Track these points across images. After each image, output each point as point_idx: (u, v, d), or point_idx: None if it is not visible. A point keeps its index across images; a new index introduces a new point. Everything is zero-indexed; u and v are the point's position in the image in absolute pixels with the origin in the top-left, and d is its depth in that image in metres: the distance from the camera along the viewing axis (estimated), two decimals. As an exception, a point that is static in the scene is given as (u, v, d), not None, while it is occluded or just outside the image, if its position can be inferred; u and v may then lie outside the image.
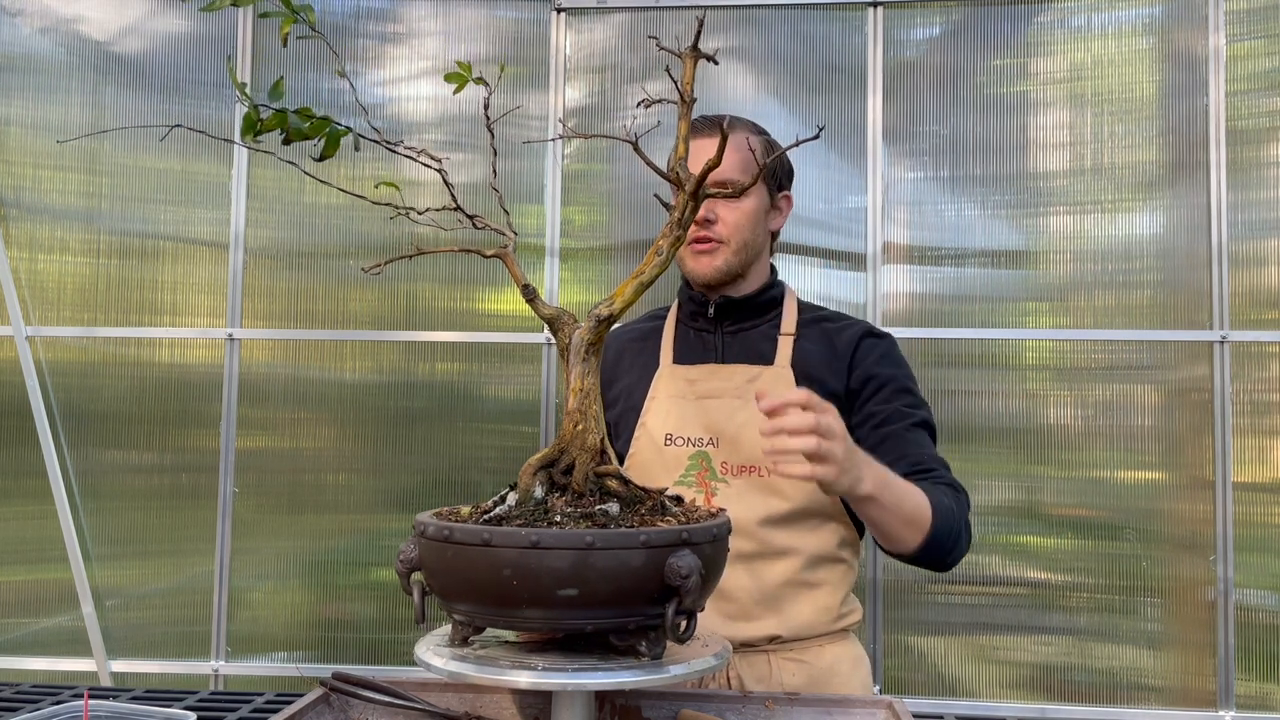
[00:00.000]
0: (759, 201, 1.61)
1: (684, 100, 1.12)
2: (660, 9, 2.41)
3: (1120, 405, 2.32)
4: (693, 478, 1.56)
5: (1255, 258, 2.30)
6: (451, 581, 0.98)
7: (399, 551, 1.01)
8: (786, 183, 1.68)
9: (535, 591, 0.93)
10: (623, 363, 1.70)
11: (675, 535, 0.97)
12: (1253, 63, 2.31)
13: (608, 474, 1.07)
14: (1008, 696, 2.31)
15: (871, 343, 1.60)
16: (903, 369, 1.60)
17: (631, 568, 0.94)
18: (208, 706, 1.38)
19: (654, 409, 1.61)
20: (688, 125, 1.14)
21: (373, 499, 2.45)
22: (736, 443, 1.54)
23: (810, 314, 1.66)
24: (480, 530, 0.94)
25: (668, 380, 1.62)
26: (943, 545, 1.40)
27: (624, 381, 1.67)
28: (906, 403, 1.55)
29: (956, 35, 2.39)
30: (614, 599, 0.95)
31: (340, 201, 2.44)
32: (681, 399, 1.60)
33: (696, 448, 1.56)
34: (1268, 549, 2.27)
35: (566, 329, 1.09)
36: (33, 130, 2.50)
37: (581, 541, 0.92)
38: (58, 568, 2.46)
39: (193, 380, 2.48)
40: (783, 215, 1.68)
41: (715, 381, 1.59)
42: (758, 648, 1.52)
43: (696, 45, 1.13)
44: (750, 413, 1.54)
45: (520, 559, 0.92)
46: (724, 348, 1.62)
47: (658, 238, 1.12)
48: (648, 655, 0.99)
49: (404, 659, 2.40)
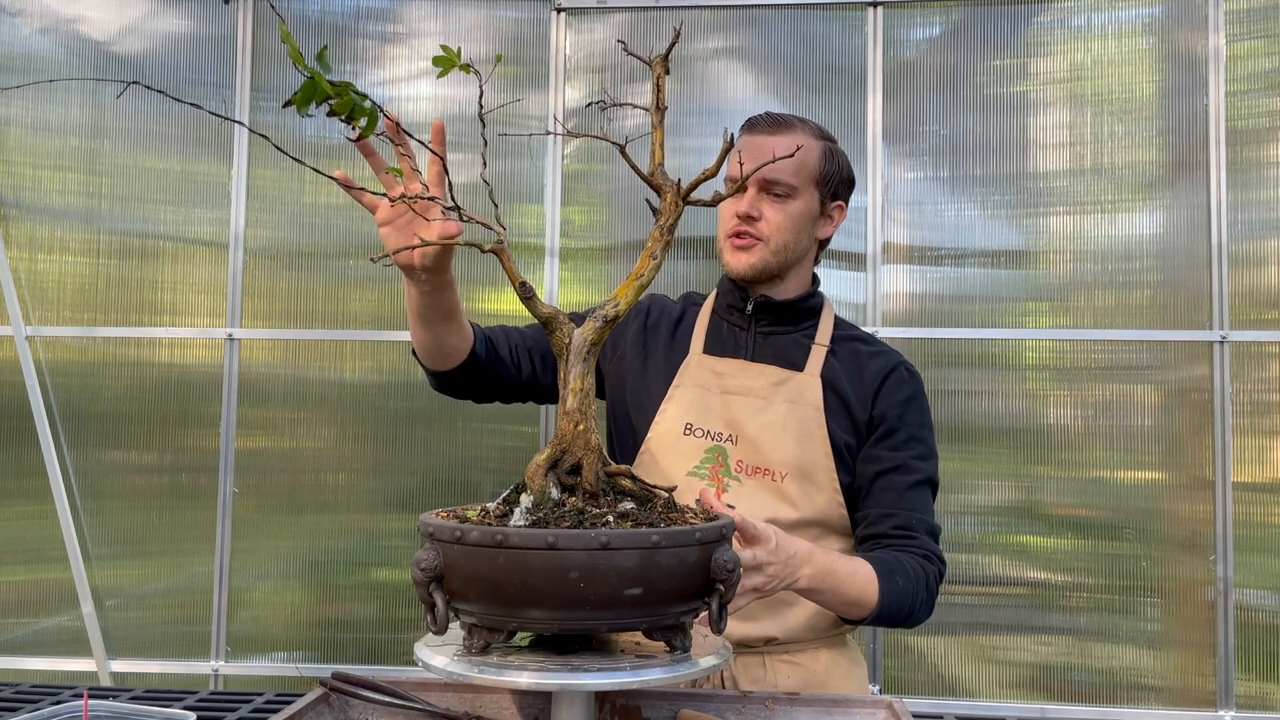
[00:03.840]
0: (807, 206, 1.58)
1: (657, 108, 1.12)
2: (660, 9, 2.41)
3: (1120, 405, 2.32)
4: (706, 470, 1.55)
5: (1255, 258, 2.30)
6: (499, 589, 0.94)
7: (416, 560, 0.98)
8: (843, 192, 1.64)
9: (602, 593, 0.92)
10: (659, 332, 1.67)
11: (719, 531, 0.98)
12: (1253, 63, 2.31)
13: (618, 473, 1.07)
14: (1008, 696, 2.31)
15: (900, 379, 1.58)
16: (922, 415, 1.58)
17: (689, 564, 0.96)
18: (207, 706, 1.38)
19: (678, 397, 1.59)
20: (663, 133, 1.14)
21: (373, 499, 2.45)
22: (755, 443, 1.53)
23: (846, 330, 1.64)
24: (544, 534, 0.93)
25: (695, 369, 1.60)
26: (890, 621, 1.45)
27: (655, 356, 1.64)
28: (915, 454, 1.54)
29: (956, 35, 2.39)
30: (671, 596, 0.96)
31: (340, 201, 2.44)
32: (706, 390, 1.58)
33: (715, 441, 1.55)
34: (1268, 549, 2.27)
35: (563, 329, 1.09)
36: (33, 130, 2.50)
37: (648, 541, 0.93)
38: (58, 568, 2.46)
39: (192, 380, 2.48)
40: (833, 224, 1.65)
41: (743, 378, 1.57)
42: (753, 648, 1.52)
43: (667, 55, 1.13)
44: (772, 415, 1.55)
45: (590, 561, 0.91)
46: (755, 346, 1.60)
47: (649, 242, 1.12)
48: (680, 649, 1.01)
49: (404, 659, 2.41)
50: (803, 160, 1.56)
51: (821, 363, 1.57)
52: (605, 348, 1.68)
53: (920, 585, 1.46)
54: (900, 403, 1.56)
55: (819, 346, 1.59)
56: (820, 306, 1.65)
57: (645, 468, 1.60)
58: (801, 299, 1.62)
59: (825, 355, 1.58)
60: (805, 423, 1.54)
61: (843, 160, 1.64)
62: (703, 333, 1.64)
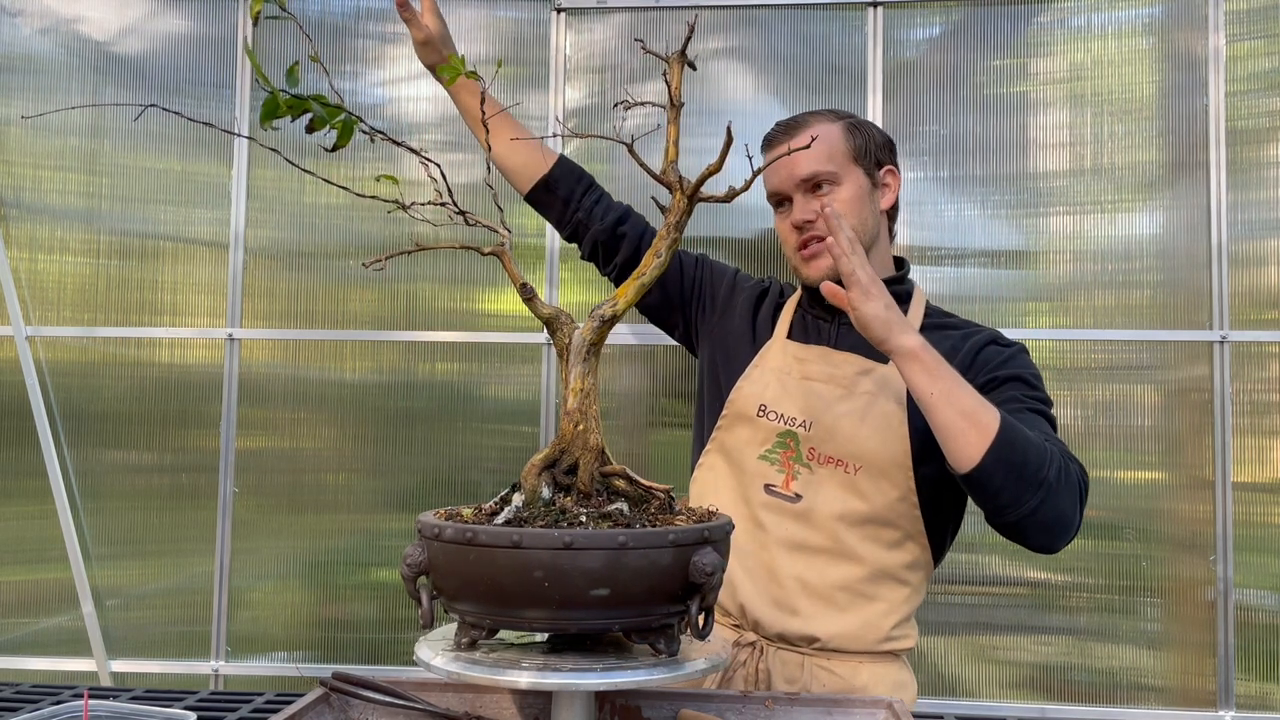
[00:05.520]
0: (857, 185, 1.54)
1: (673, 104, 1.12)
2: (660, 9, 2.41)
3: (1120, 405, 2.32)
4: (777, 455, 1.51)
5: (1255, 258, 2.30)
6: (472, 585, 0.96)
7: (404, 555, 1.00)
8: (886, 157, 1.60)
9: (567, 592, 0.92)
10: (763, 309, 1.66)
11: (699, 534, 0.98)
12: (1253, 63, 2.31)
13: (613, 473, 1.07)
14: (1008, 696, 2.31)
15: (996, 350, 1.52)
16: (1028, 369, 1.49)
17: (661, 566, 0.95)
18: (208, 706, 1.38)
19: (755, 376, 1.56)
20: (677, 129, 1.13)
21: (373, 499, 2.45)
22: (832, 432, 1.49)
23: (937, 318, 1.59)
24: (509, 532, 0.93)
25: (778, 353, 1.57)
26: (1014, 471, 1.25)
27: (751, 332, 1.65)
28: (1024, 392, 1.45)
29: (956, 35, 2.39)
30: (643, 598, 0.96)
31: (340, 201, 2.44)
32: (785, 374, 1.55)
33: (789, 426, 1.51)
34: (1268, 549, 2.27)
35: (564, 329, 1.09)
36: (33, 130, 2.50)
37: (615, 541, 0.93)
38: (58, 568, 2.46)
39: (193, 380, 2.48)
40: (892, 190, 1.61)
41: (824, 365, 1.54)
42: (795, 646, 1.50)
43: (685, 51, 1.13)
44: (852, 405, 1.49)
45: (553, 560, 0.92)
46: (839, 335, 1.57)
47: (655, 240, 1.12)
48: (665, 652, 1.00)
49: (404, 659, 2.40)
50: (828, 144, 1.53)
51: None
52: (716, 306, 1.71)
53: (1054, 457, 1.29)
54: (999, 364, 1.49)
55: None
56: (909, 294, 1.60)
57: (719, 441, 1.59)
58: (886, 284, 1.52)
59: None
60: (887, 416, 1.49)
61: (871, 130, 1.60)
62: (788, 320, 1.62)
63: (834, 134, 1.56)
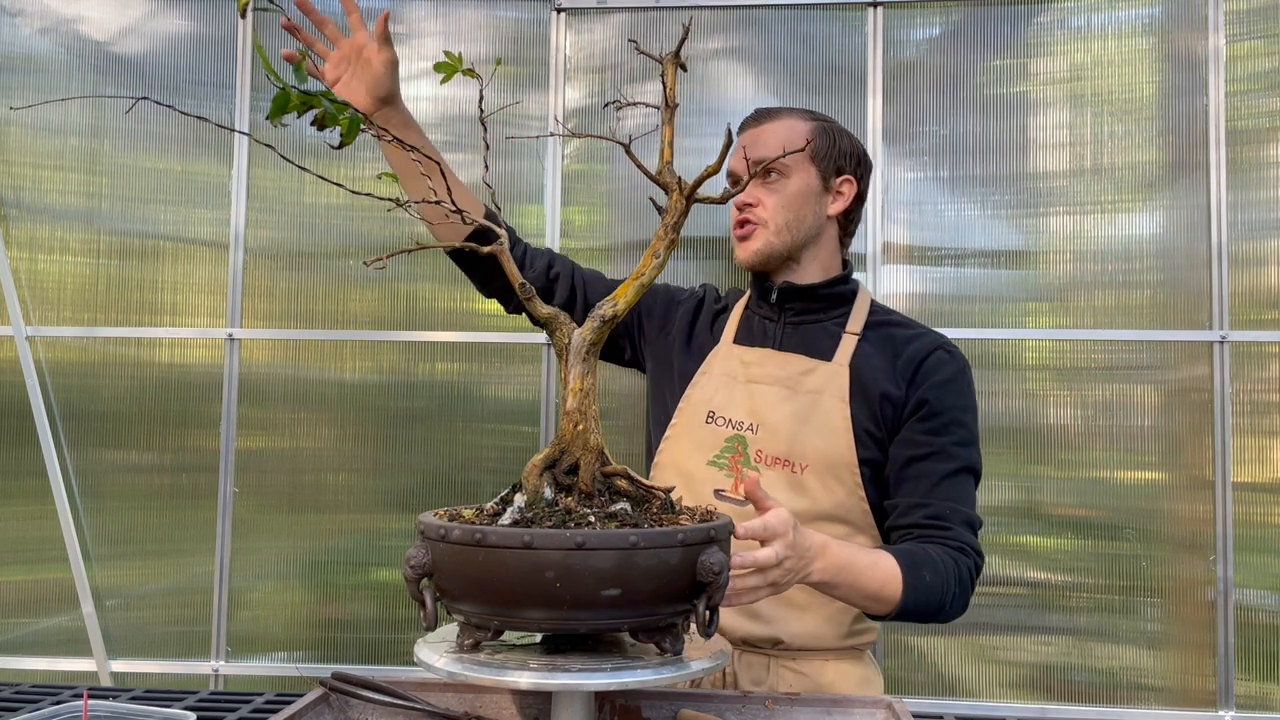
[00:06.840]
0: (804, 184, 1.56)
1: (668, 104, 1.12)
2: (660, 9, 2.41)
3: (1120, 405, 2.32)
4: (725, 460, 1.52)
5: (1255, 258, 2.30)
6: (480, 586, 0.95)
7: (407, 557, 0.99)
8: (848, 167, 1.60)
9: (578, 592, 0.92)
10: (704, 319, 1.67)
11: (706, 533, 0.98)
12: (1253, 63, 2.31)
13: (615, 473, 1.07)
14: (1008, 696, 2.31)
15: (939, 361, 1.52)
16: (963, 398, 1.51)
17: (670, 566, 0.96)
18: (208, 706, 1.38)
19: (703, 383, 1.58)
20: (672, 130, 1.14)
21: (373, 499, 2.45)
22: (776, 433, 1.50)
23: (881, 316, 1.59)
24: (520, 533, 0.93)
25: (723, 358, 1.59)
26: (917, 617, 1.37)
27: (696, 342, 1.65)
28: (956, 439, 1.47)
29: (956, 35, 2.39)
30: (652, 598, 0.96)
31: (340, 201, 2.44)
32: (731, 379, 1.56)
33: (736, 430, 1.52)
34: (1268, 549, 2.27)
35: (563, 329, 1.09)
36: (33, 130, 2.50)
37: (626, 541, 0.93)
38: (58, 568, 2.46)
39: (193, 380, 2.48)
40: (844, 199, 1.61)
41: (768, 367, 1.55)
42: (759, 649, 1.51)
43: (679, 52, 1.13)
44: (796, 405, 1.50)
45: (565, 560, 0.92)
46: (784, 336, 1.58)
47: (654, 240, 1.12)
48: (670, 651, 1.01)
49: (404, 659, 2.40)
50: (788, 136, 1.55)
51: (851, 351, 1.53)
52: (654, 323, 1.71)
53: (950, 579, 1.37)
54: (939, 384, 1.50)
55: (849, 335, 1.54)
56: (853, 294, 1.60)
57: (667, 453, 1.60)
58: (827, 284, 1.58)
59: (856, 343, 1.53)
60: (829, 414, 1.49)
61: (843, 140, 1.60)
62: (735, 324, 1.63)
63: (799, 129, 1.57)
